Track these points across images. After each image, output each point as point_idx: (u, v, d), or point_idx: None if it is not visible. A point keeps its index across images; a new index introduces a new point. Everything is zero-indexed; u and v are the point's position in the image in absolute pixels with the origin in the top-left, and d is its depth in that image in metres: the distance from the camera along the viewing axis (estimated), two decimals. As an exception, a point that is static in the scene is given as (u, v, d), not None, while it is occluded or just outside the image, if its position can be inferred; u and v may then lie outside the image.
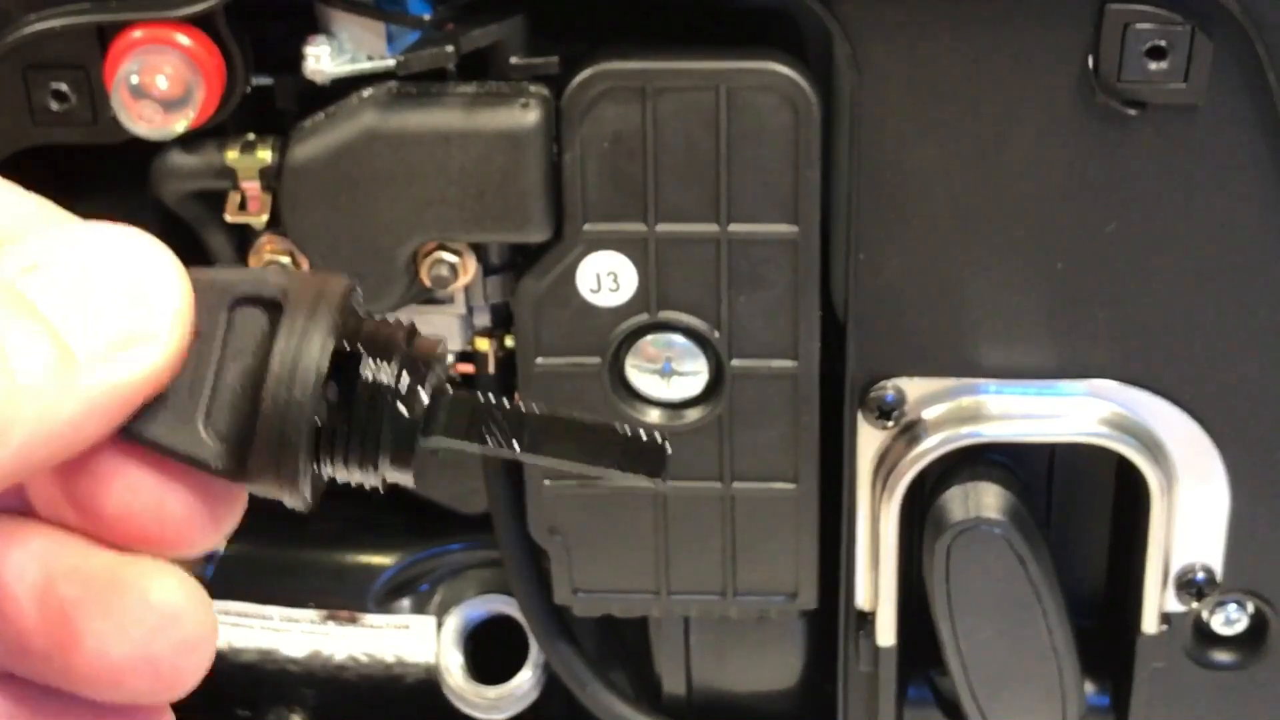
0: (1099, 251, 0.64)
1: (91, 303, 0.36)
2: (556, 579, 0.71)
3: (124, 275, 0.37)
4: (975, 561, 0.68)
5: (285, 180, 0.62)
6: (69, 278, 0.36)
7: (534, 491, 0.69)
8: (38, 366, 0.35)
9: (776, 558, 0.70)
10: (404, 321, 0.36)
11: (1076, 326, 0.65)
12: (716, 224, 0.63)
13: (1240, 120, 0.61)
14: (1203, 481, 0.68)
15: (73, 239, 0.37)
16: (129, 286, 0.36)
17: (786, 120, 0.61)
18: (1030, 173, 0.62)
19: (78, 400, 0.35)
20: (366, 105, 0.61)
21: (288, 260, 0.64)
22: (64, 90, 0.62)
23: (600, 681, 0.75)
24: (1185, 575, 0.69)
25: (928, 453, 0.67)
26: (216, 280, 0.35)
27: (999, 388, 0.66)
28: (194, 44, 0.60)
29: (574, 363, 0.66)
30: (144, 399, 0.36)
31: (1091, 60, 0.60)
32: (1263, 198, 0.62)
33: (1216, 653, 0.72)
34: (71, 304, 0.36)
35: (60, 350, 0.35)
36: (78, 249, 0.37)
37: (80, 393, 0.35)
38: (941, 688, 0.74)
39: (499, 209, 0.62)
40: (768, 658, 0.76)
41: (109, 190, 0.68)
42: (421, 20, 0.62)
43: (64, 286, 0.36)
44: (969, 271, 0.64)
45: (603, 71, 0.61)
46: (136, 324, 0.36)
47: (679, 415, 0.67)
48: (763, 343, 0.65)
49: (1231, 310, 0.64)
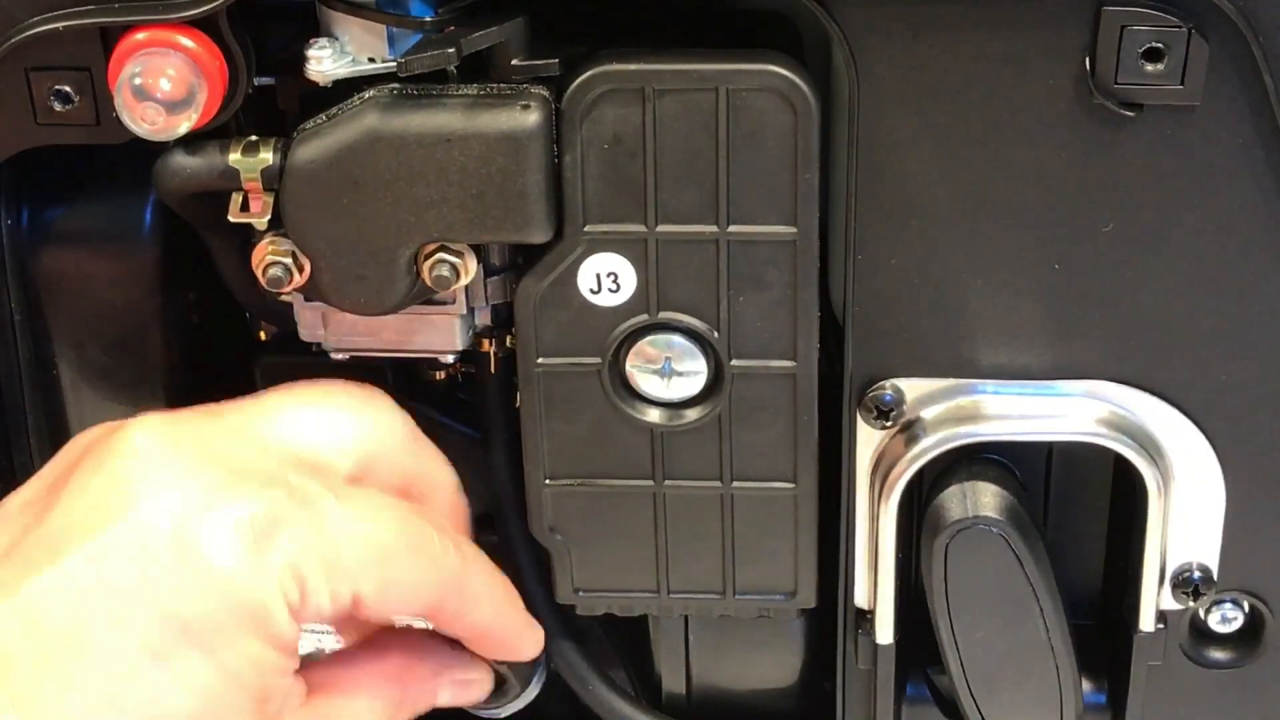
0: (1096, 252, 0.64)
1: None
2: (557, 578, 0.71)
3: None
4: (973, 560, 0.68)
5: (287, 181, 0.62)
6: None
7: (534, 490, 0.69)
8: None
9: (776, 557, 0.70)
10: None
11: (1074, 327, 0.65)
12: (716, 225, 0.63)
13: (1237, 122, 0.61)
14: (1199, 481, 0.68)
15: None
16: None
17: (786, 121, 0.62)
18: (1027, 174, 0.63)
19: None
20: (368, 107, 0.61)
21: (289, 260, 0.64)
22: (67, 91, 0.62)
23: (601, 680, 0.75)
24: (1181, 574, 0.70)
25: (926, 452, 0.67)
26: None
27: (997, 388, 0.67)
28: (197, 46, 0.60)
29: (574, 363, 0.66)
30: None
31: (1088, 62, 0.60)
32: (1259, 199, 0.62)
33: (1213, 651, 0.73)
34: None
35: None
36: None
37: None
38: (940, 685, 0.75)
39: (500, 210, 0.62)
40: (767, 656, 0.77)
41: (110, 191, 0.68)
42: (423, 22, 0.62)
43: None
44: (967, 273, 0.65)
45: (603, 73, 0.61)
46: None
47: (679, 415, 0.67)
48: (762, 343, 0.66)
49: (1228, 312, 0.65)
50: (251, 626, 0.59)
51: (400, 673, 0.67)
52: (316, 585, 0.60)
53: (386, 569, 0.62)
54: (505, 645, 0.69)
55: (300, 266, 0.64)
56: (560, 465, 0.69)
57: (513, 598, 0.69)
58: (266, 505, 0.59)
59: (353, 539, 0.61)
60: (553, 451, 0.68)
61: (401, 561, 0.62)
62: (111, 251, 0.68)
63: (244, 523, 0.59)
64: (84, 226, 0.68)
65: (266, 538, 0.59)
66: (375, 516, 0.62)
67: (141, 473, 0.59)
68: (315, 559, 0.60)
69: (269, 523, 0.59)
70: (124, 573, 0.57)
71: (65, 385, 0.70)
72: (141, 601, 0.57)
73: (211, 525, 0.58)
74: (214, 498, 0.59)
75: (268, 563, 0.59)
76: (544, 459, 0.68)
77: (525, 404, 0.67)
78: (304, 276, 0.64)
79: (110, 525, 0.58)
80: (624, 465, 0.68)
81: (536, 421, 0.68)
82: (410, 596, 0.63)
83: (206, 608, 0.58)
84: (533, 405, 0.67)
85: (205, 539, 0.58)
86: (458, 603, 0.65)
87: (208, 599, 0.58)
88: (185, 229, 0.67)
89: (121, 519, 0.58)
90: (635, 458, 0.68)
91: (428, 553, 0.64)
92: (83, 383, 0.70)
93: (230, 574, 0.58)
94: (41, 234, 0.68)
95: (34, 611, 0.56)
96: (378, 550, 0.62)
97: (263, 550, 0.59)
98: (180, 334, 0.70)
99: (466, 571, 0.65)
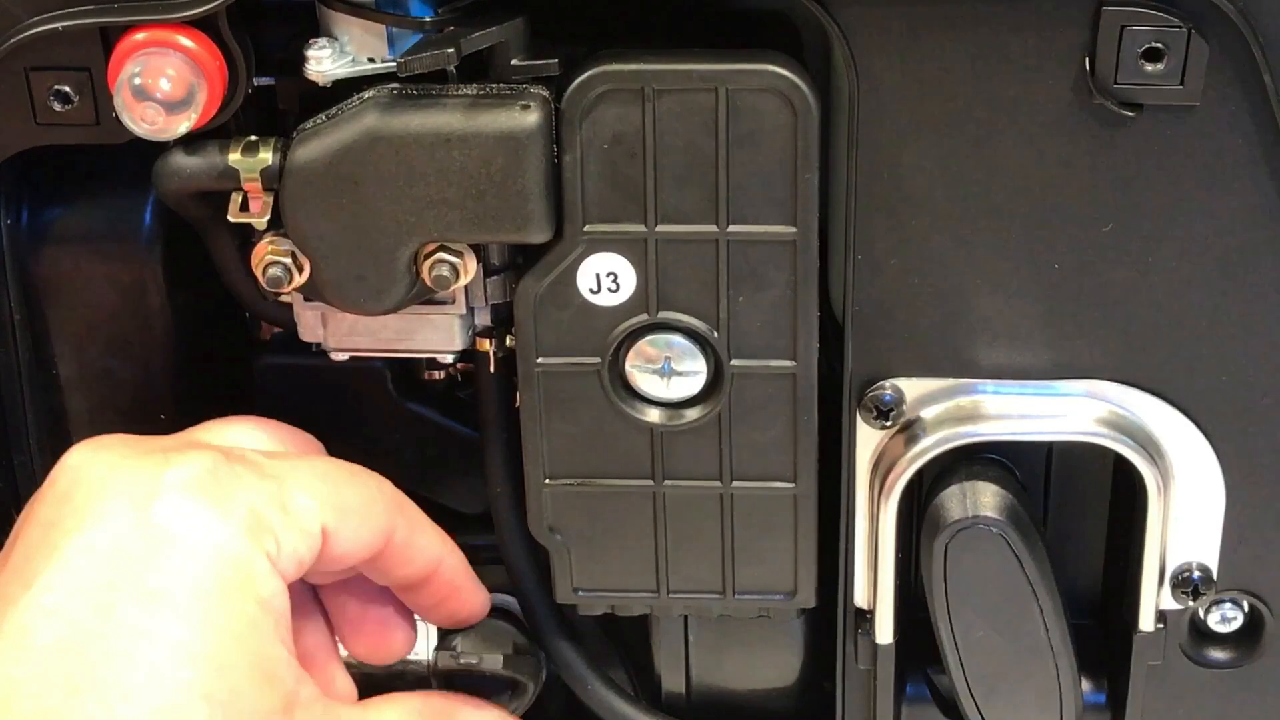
0: (1096, 252, 0.64)
1: None
2: (557, 578, 0.71)
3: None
4: (973, 560, 0.68)
5: (287, 181, 0.62)
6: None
7: (534, 490, 0.69)
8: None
9: (775, 556, 0.70)
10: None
11: (1074, 327, 0.65)
12: (716, 225, 0.63)
13: (1236, 122, 0.61)
14: (1199, 481, 0.68)
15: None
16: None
17: (785, 122, 0.62)
18: (1027, 174, 0.63)
19: None
20: (368, 107, 0.61)
21: (289, 260, 0.64)
22: (67, 91, 0.62)
23: (601, 679, 0.75)
24: (1181, 574, 0.70)
25: (926, 452, 0.67)
26: None
27: (997, 388, 0.67)
28: (197, 46, 0.60)
29: (574, 363, 0.66)
30: None
31: (1088, 62, 0.60)
32: (1259, 199, 0.63)
33: (1212, 650, 0.73)
34: None
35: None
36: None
37: None
38: (939, 685, 0.75)
39: (499, 210, 0.62)
40: (767, 656, 0.77)
41: (110, 191, 0.68)
42: (422, 22, 0.62)
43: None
44: (967, 272, 0.65)
45: (603, 73, 0.61)
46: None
47: (678, 415, 0.67)
48: (762, 343, 0.66)
49: (1228, 311, 0.65)
50: (239, 584, 0.59)
51: (422, 703, 0.69)
52: (283, 525, 0.61)
53: (337, 494, 0.63)
54: (456, 594, 0.70)
55: (300, 266, 0.64)
56: (560, 465, 0.69)
57: (456, 549, 0.70)
58: (208, 463, 0.60)
59: (297, 476, 0.63)
60: (552, 451, 0.68)
61: (347, 486, 0.64)
62: (111, 251, 0.68)
63: (192, 483, 0.59)
64: (84, 226, 0.68)
65: (220, 491, 0.60)
66: (309, 459, 0.65)
67: (83, 482, 0.60)
68: (270, 503, 0.61)
69: (214, 479, 0.60)
70: (100, 574, 0.57)
71: (65, 385, 0.70)
72: (126, 594, 0.57)
73: (164, 499, 0.59)
74: (156, 473, 0.60)
75: (231, 515, 0.59)
76: (544, 459, 0.68)
77: (525, 404, 0.67)
78: (304, 276, 0.64)
79: (70, 539, 0.58)
80: (624, 465, 0.68)
81: (536, 421, 0.68)
82: (364, 521, 0.64)
83: (190, 578, 0.58)
84: (532, 405, 0.67)
85: (163, 514, 0.59)
86: (406, 531, 0.66)
87: (187, 570, 0.58)
88: (185, 229, 0.67)
89: (78, 531, 0.58)
90: (635, 458, 0.68)
91: (366, 476, 0.66)
92: (83, 383, 0.70)
93: (199, 537, 0.59)
94: (41, 234, 0.68)
95: (24, 637, 0.56)
96: (323, 480, 0.63)
97: (221, 503, 0.59)
98: (180, 334, 0.70)
99: (406, 501, 0.67)
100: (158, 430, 0.66)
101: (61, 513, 0.59)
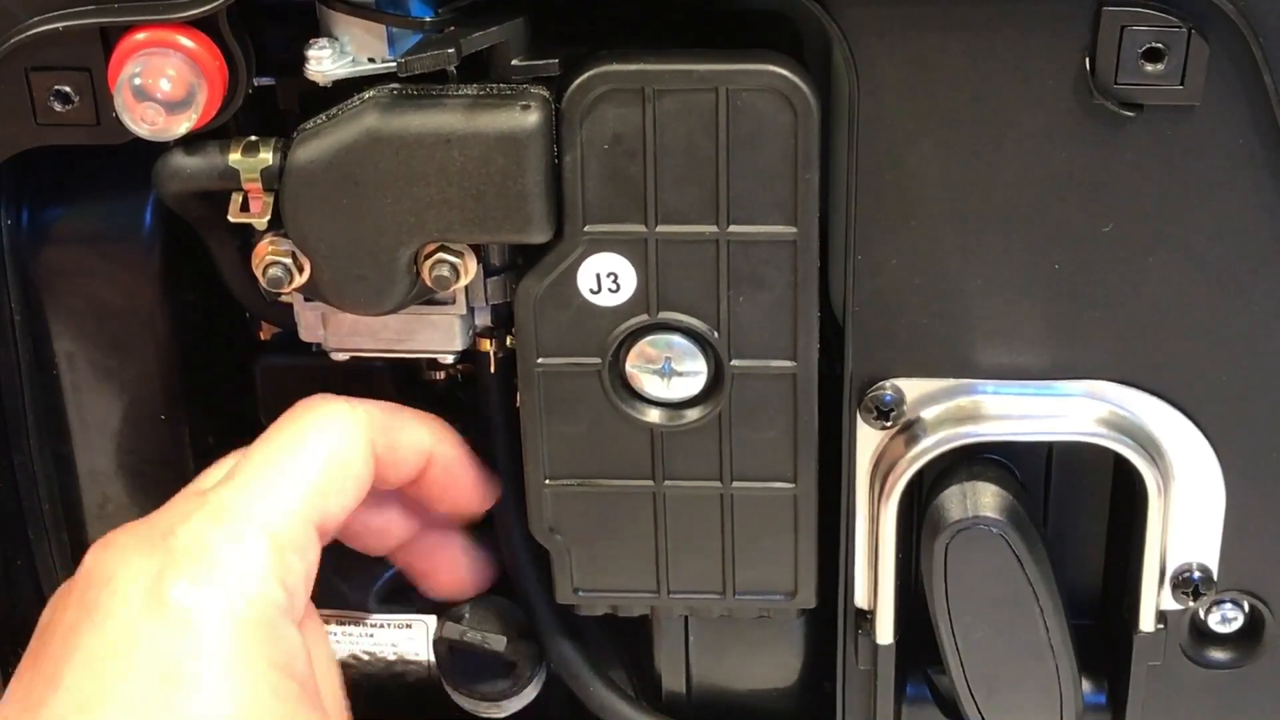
0: (1096, 253, 0.64)
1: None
2: (557, 578, 0.71)
3: None
4: (973, 560, 0.68)
5: (287, 181, 0.62)
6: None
7: (534, 491, 0.69)
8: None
9: (776, 557, 0.70)
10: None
11: (1074, 327, 0.65)
12: (716, 225, 0.64)
13: (1237, 122, 0.61)
14: (1199, 481, 0.68)
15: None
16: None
17: (786, 122, 0.62)
18: (1028, 174, 0.63)
19: None
20: (368, 107, 0.61)
21: (289, 260, 0.64)
22: (67, 92, 0.62)
23: (601, 680, 0.75)
24: (1181, 574, 0.70)
25: (926, 452, 0.67)
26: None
27: (997, 388, 0.67)
28: (197, 46, 0.60)
29: (574, 363, 0.66)
30: None
31: (1088, 62, 0.60)
32: (1259, 199, 0.63)
33: (1213, 651, 0.73)
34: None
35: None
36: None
37: None
38: (940, 685, 0.75)
39: (500, 210, 0.62)
40: (767, 656, 0.77)
41: (110, 191, 0.68)
42: (423, 22, 0.62)
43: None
44: (967, 273, 0.65)
45: (603, 73, 0.61)
46: None
47: (679, 415, 0.67)
48: (762, 343, 0.66)
49: (1228, 312, 0.65)
50: (259, 646, 0.59)
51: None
52: (283, 565, 0.61)
53: (315, 489, 0.64)
54: (454, 484, 0.70)
55: (300, 266, 0.64)
56: (560, 465, 0.69)
57: (447, 440, 0.70)
58: (204, 531, 0.61)
59: (275, 497, 0.63)
60: (553, 451, 0.68)
61: (316, 471, 0.64)
62: (111, 251, 0.68)
63: (193, 557, 0.60)
64: (84, 226, 0.68)
65: (216, 559, 0.60)
66: (271, 465, 0.64)
67: (94, 582, 0.60)
68: (268, 548, 0.61)
69: (210, 550, 0.60)
70: (120, 665, 0.58)
71: (65, 385, 0.70)
72: (145, 682, 0.58)
73: (168, 584, 0.59)
74: (158, 559, 0.60)
75: (233, 581, 0.60)
76: (544, 459, 0.68)
77: (525, 404, 0.67)
78: (304, 276, 0.64)
79: (86, 637, 0.59)
80: (624, 465, 0.68)
81: (536, 421, 0.68)
82: (344, 491, 0.65)
83: (208, 654, 0.58)
84: (533, 405, 0.67)
85: (172, 596, 0.59)
86: (386, 447, 0.67)
87: (203, 648, 0.58)
88: (185, 229, 0.67)
89: (92, 630, 0.59)
90: (635, 458, 0.68)
91: (324, 435, 0.65)
92: (83, 383, 0.70)
93: (210, 610, 0.59)
94: (41, 234, 0.68)
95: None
96: (296, 482, 0.64)
97: (223, 573, 0.60)
98: (180, 334, 0.70)
99: (374, 409, 0.67)
100: (158, 430, 0.66)
101: (79, 615, 0.60)
